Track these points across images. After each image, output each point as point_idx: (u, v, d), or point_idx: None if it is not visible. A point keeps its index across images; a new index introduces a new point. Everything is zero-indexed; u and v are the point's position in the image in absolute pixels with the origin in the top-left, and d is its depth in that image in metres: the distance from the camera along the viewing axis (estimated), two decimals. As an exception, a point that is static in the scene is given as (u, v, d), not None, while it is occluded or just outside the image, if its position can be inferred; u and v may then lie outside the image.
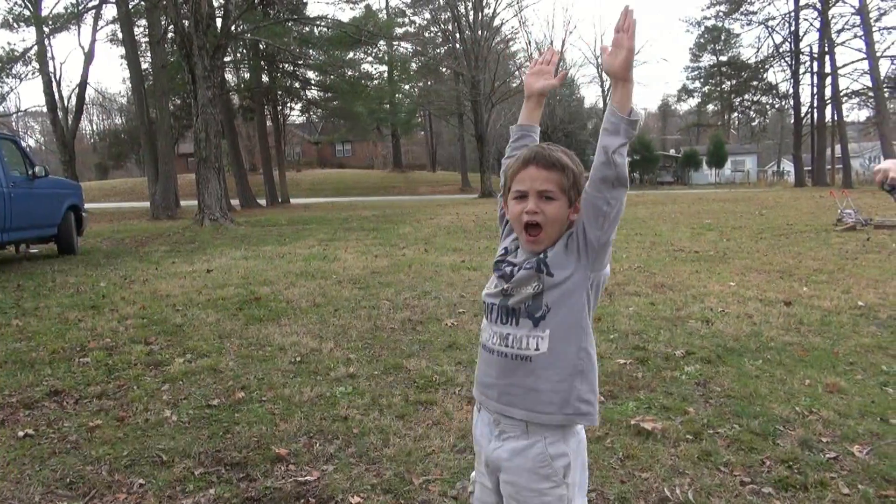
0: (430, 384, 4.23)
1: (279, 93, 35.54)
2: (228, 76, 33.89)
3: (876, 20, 36.76)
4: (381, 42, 34.14)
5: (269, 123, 37.09)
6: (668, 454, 3.20)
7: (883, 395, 3.91)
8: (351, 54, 33.35)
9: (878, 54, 35.51)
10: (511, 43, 47.29)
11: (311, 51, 31.46)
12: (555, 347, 1.56)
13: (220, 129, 17.77)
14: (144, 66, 27.12)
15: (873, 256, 8.76)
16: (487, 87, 33.63)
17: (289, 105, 38.93)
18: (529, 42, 58.78)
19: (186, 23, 16.86)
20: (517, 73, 44.08)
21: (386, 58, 38.09)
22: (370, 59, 35.04)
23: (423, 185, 48.34)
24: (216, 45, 17.26)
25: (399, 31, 46.59)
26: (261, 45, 28.26)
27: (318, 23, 29.01)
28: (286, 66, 33.25)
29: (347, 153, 66.18)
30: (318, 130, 57.09)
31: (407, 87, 48.96)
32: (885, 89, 35.94)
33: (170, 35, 23.16)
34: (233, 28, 21.05)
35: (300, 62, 32.16)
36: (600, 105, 53.02)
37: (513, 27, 66.95)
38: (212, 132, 16.50)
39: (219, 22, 19.03)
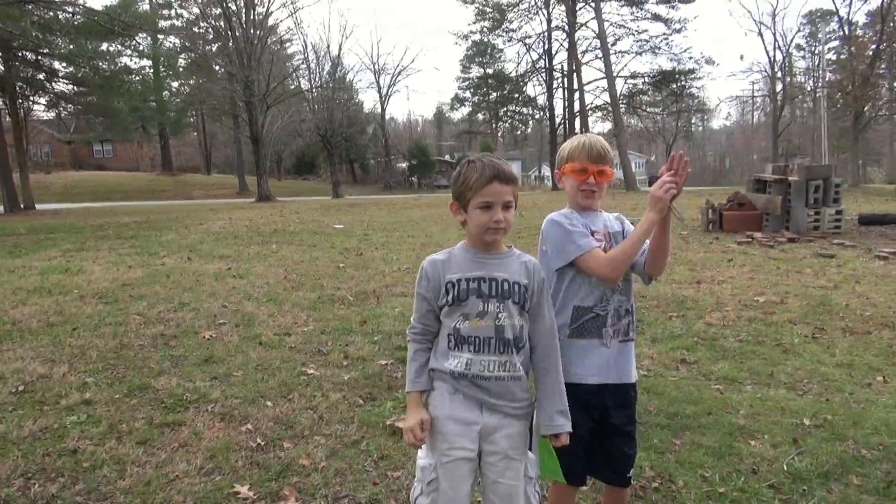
0: (179, 403, 3.93)
1: (18, 84, 31.04)
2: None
3: (612, 44, 42.06)
4: (144, 35, 31.41)
5: (7, 119, 32.23)
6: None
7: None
8: (106, 45, 30.25)
9: (615, 74, 40.57)
10: (287, 45, 46.34)
11: (57, 39, 27.91)
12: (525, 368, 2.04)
13: (-67, 124, 15.00)
14: None
15: (609, 251, 9.89)
16: (262, 88, 32.51)
17: (31, 98, 34.16)
18: (306, 45, 58.16)
19: None
20: (294, 75, 43.30)
21: (150, 52, 35.15)
22: (129, 51, 32.01)
23: (197, 188, 45.34)
24: (-74, 23, 14.58)
25: (164, 23, 43.32)
26: (-9, 28, 24.46)
27: (64, 8, 25.85)
28: (26, 53, 29.14)
29: (108, 154, 59.86)
30: (70, 128, 50.96)
31: (176, 84, 45.69)
32: (621, 105, 41.18)
33: None
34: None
35: (44, 51, 28.38)
36: (378, 110, 54.02)
37: (288, 28, 65.51)
38: (-78, 127, 13.88)
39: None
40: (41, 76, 31.28)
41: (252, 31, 32.63)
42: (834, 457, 3.22)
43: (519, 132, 60.60)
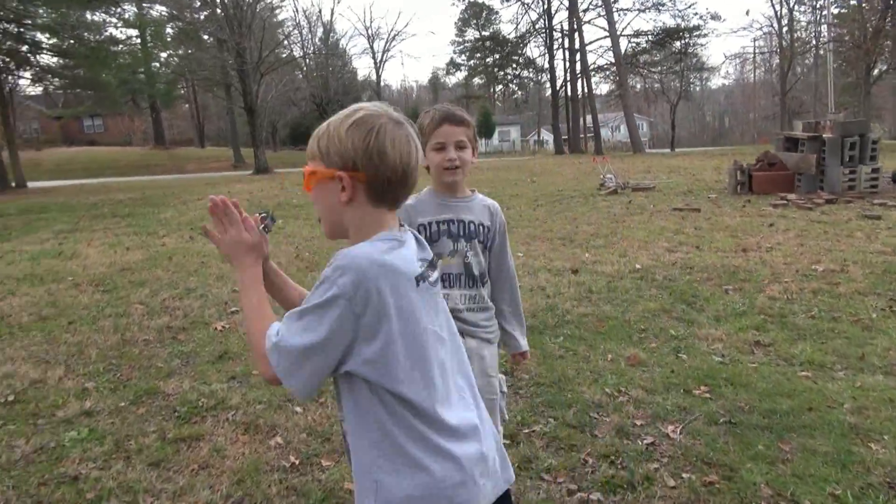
0: (194, 411, 3.41)
1: (4, 58, 29.96)
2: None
3: (615, 2, 40.80)
4: (128, 3, 30.26)
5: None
6: (485, 467, 2.76)
7: (679, 363, 3.88)
8: (90, 15, 29.16)
9: (618, 33, 39.47)
10: (278, 11, 44.94)
11: (39, 9, 26.77)
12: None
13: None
14: None
15: (637, 218, 9.36)
16: (255, 56, 31.46)
17: (15, 73, 33.10)
18: (297, 10, 56.63)
19: None
20: (286, 42, 42.13)
21: (136, 21, 33.92)
22: (115, 20, 30.88)
23: (191, 162, 44.35)
24: None
25: (150, -9, 41.81)
26: (-31, 0, 23.44)
27: (44, -25, 24.71)
28: (8, 25, 28.04)
29: (99, 129, 58.59)
30: (59, 103, 49.76)
31: (164, 55, 44.41)
32: (626, 65, 40.15)
33: None
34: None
35: (27, 22, 27.29)
36: (373, 77, 52.86)
37: (278, -8, 63.61)
38: None
39: None
40: (24, 49, 30.24)
41: (241, -4, 31.45)
42: (980, 463, 2.71)
43: (516, 95, 59.43)
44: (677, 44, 43.09)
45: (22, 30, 28.52)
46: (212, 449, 3.02)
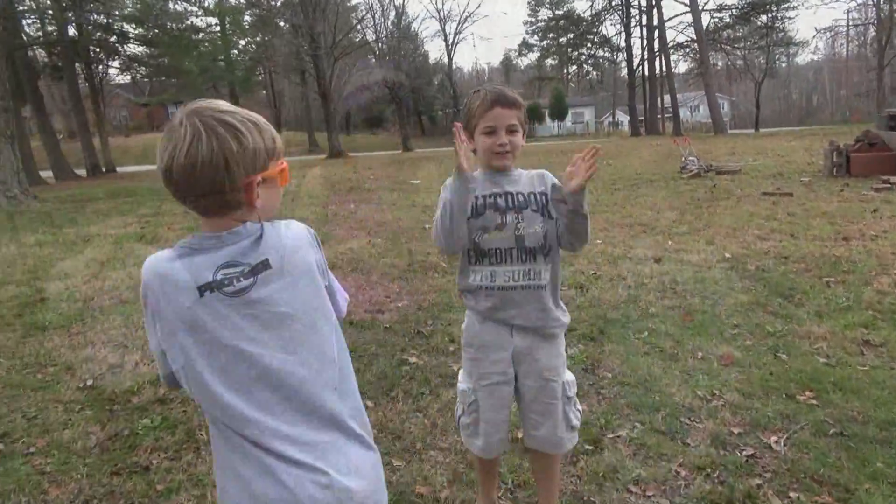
0: (265, 402, 3.33)
1: (95, 48, 31.40)
2: (29, 28, 29.35)
3: (696, -25, 38.92)
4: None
5: (84, 84, 32.80)
6: (567, 474, 2.57)
7: (779, 364, 3.55)
8: (173, 5, 30.15)
9: (700, 7, 37.75)
10: (351, -6, 45.24)
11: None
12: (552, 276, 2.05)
13: (7, 90, 15.00)
14: None
15: (723, 203, 8.84)
16: (328, 41, 31.80)
17: (105, 62, 34.68)
18: (370, -6, 56.82)
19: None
20: (359, 26, 42.40)
21: (215, 9, 34.88)
22: (195, 9, 31.85)
23: (268, 146, 45.51)
24: (-3, -12, 14.46)
25: (228, -20, 42.90)
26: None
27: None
28: (97, 16, 29.33)
29: (182, 115, 61.05)
30: (145, 91, 51.93)
31: (243, 42, 45.58)
32: (708, 41, 38.39)
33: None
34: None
35: (115, 12, 28.47)
36: (444, 59, 52.63)
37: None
38: (-2, 94, 13.87)
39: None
40: (113, 39, 31.58)
41: (315, -20, 31.78)
42: None
43: (590, 76, 57.95)
44: (763, 17, 40.90)
45: (110, 20, 29.78)
46: (281, 443, 2.94)
